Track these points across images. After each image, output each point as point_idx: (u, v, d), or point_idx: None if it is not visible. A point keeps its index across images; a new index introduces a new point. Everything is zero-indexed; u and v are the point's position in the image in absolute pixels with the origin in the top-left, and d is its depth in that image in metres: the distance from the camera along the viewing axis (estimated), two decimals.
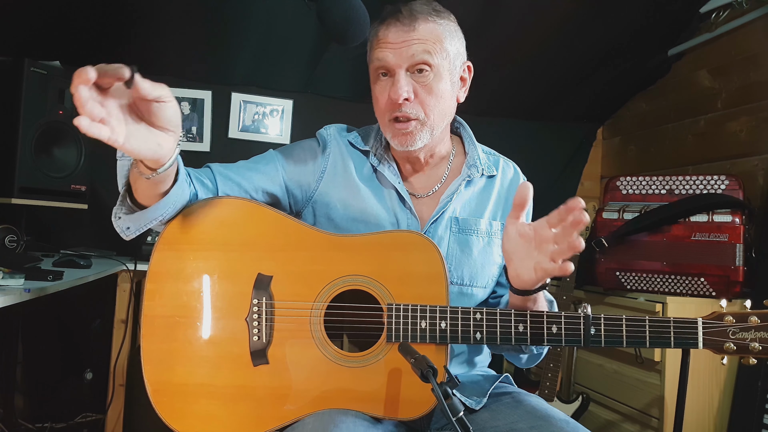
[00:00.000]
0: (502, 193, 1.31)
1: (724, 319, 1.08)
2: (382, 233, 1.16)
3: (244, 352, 1.10)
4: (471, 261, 1.24)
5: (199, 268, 1.12)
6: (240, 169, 1.23)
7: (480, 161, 1.28)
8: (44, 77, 2.11)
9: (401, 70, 1.15)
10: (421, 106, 1.17)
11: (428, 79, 1.16)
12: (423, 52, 1.15)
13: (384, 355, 1.10)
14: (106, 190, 2.51)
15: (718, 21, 2.42)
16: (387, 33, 1.16)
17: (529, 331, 1.08)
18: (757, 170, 2.24)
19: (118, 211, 1.06)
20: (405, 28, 1.15)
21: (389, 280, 1.11)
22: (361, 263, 1.12)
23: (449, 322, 1.08)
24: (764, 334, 1.06)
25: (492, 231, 1.27)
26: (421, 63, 1.15)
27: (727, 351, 1.08)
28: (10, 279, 1.44)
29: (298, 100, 2.80)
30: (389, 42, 1.15)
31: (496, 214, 1.29)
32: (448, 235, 1.24)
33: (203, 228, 1.13)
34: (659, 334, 1.07)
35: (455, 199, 1.25)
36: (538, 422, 1.08)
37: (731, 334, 1.07)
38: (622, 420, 2.16)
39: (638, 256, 2.14)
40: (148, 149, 0.89)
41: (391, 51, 1.15)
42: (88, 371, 2.50)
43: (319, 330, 1.11)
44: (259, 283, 1.11)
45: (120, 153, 1.03)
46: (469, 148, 1.30)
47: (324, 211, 1.24)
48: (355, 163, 1.26)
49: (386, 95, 1.17)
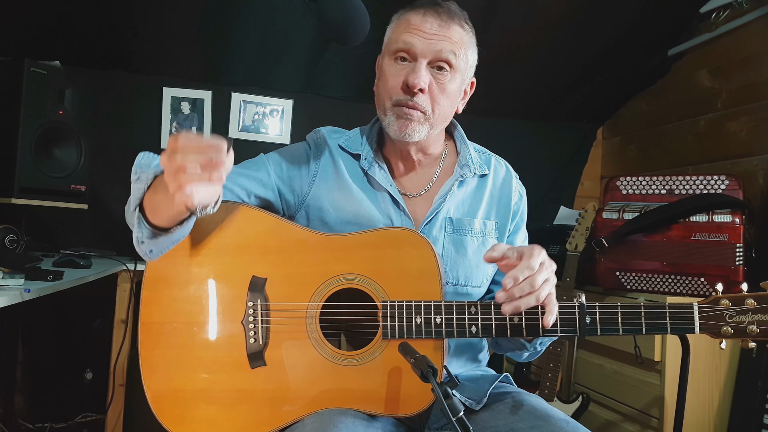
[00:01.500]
0: (494, 193, 1.31)
1: (720, 303, 1.07)
2: (374, 231, 1.16)
3: (241, 355, 1.10)
4: (466, 261, 1.24)
5: (194, 273, 1.12)
6: (231, 174, 1.21)
7: (472, 161, 1.28)
8: (44, 77, 2.11)
9: (424, 60, 1.16)
10: (431, 101, 1.17)
11: (445, 78, 1.17)
12: (450, 51, 1.16)
13: (380, 352, 1.10)
14: (106, 190, 2.51)
15: (718, 21, 2.42)
16: (422, 21, 1.16)
17: (524, 323, 1.08)
18: (757, 170, 2.24)
19: (140, 236, 1.05)
20: (441, 23, 1.16)
21: (383, 278, 1.11)
22: (354, 262, 1.12)
23: (444, 317, 1.08)
24: (761, 316, 1.05)
25: (486, 230, 1.27)
26: (444, 60, 1.16)
27: (724, 335, 1.06)
28: (10, 279, 1.44)
29: (298, 100, 2.80)
30: (421, 30, 1.15)
31: (490, 213, 1.30)
32: (442, 236, 1.24)
33: (197, 233, 1.13)
34: (655, 320, 1.06)
35: (449, 199, 1.25)
36: (538, 422, 1.08)
37: (728, 318, 1.06)
38: (622, 420, 2.16)
39: (638, 256, 2.14)
40: (211, 198, 0.95)
41: (421, 39, 1.15)
42: (88, 371, 2.50)
43: (315, 330, 1.11)
44: (254, 285, 1.12)
45: (136, 176, 1.04)
46: (461, 148, 1.31)
47: (317, 215, 1.24)
48: (346, 166, 1.26)
49: (400, 79, 1.16)
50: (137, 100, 2.64)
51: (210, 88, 2.70)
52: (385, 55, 1.22)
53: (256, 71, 2.66)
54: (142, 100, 2.64)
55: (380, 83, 1.22)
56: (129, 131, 2.62)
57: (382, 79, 1.21)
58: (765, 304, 1.05)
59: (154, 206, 1.02)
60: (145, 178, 1.04)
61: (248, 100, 2.75)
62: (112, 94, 2.57)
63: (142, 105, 2.65)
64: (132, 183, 1.06)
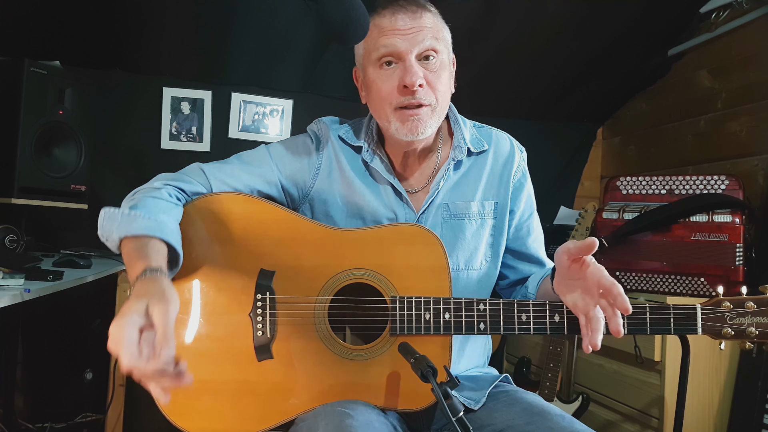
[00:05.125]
0: (495, 169, 1.28)
1: (721, 305, 1.09)
2: (385, 227, 1.16)
3: (248, 347, 1.10)
4: (465, 245, 1.24)
5: (201, 265, 1.12)
6: (234, 170, 1.21)
7: (464, 140, 1.26)
8: (44, 77, 2.10)
9: (412, 56, 1.15)
10: (432, 91, 1.16)
11: (435, 65, 1.17)
12: (431, 38, 1.16)
13: (388, 347, 1.10)
14: (106, 190, 2.51)
15: (718, 21, 2.42)
16: (394, 21, 1.15)
17: (532, 321, 1.09)
18: (757, 170, 2.24)
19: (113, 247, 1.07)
20: (412, 15, 1.15)
21: (393, 274, 1.12)
22: (364, 257, 1.13)
23: (453, 314, 1.09)
24: (761, 318, 1.08)
25: (484, 212, 1.26)
26: (430, 49, 1.15)
27: (725, 336, 1.09)
28: (10, 279, 1.44)
29: (297, 100, 2.80)
30: (398, 29, 1.15)
31: (489, 192, 1.27)
32: (439, 222, 1.24)
33: (205, 225, 1.13)
34: (659, 320, 1.09)
35: (444, 185, 1.24)
36: (535, 418, 1.08)
37: (729, 320, 1.09)
38: (622, 420, 2.16)
39: (638, 256, 2.14)
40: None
41: (401, 38, 1.14)
42: (88, 371, 2.49)
43: (323, 324, 1.11)
44: (262, 278, 1.11)
45: (104, 238, 1.06)
46: (455, 128, 1.28)
47: (321, 208, 1.24)
48: (347, 159, 1.25)
49: (393, 83, 1.15)
50: (137, 100, 2.63)
51: (210, 88, 2.70)
52: (366, 67, 1.20)
53: (256, 71, 2.66)
54: (142, 100, 2.64)
55: (372, 94, 1.20)
56: (129, 131, 2.62)
57: (373, 90, 1.19)
58: (764, 306, 1.08)
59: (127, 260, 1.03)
60: (113, 241, 1.05)
61: (248, 100, 2.75)
62: (112, 94, 2.57)
63: (142, 105, 2.64)
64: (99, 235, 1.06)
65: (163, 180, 1.15)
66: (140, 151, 2.64)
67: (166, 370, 0.84)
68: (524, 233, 1.33)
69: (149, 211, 1.05)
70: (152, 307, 0.87)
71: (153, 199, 1.08)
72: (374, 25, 1.17)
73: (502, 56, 2.55)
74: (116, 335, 0.84)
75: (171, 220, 1.06)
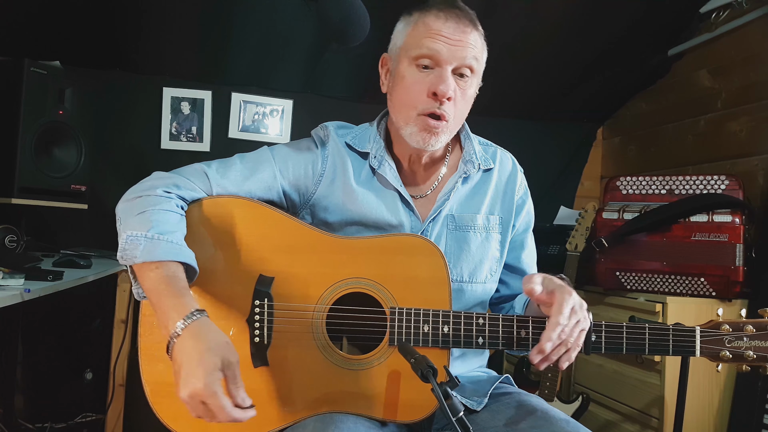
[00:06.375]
0: (499, 187, 1.29)
1: (720, 328, 1.10)
2: (386, 236, 1.15)
3: (244, 353, 1.09)
4: (469, 257, 1.24)
5: (201, 268, 1.11)
6: (236, 175, 1.18)
7: (476, 156, 1.26)
8: (44, 77, 2.10)
9: (450, 67, 1.13)
10: (455, 108, 1.15)
11: (467, 83, 1.16)
12: (473, 57, 1.14)
13: (386, 358, 1.10)
14: (106, 190, 2.51)
15: (718, 21, 2.42)
16: (443, 25, 1.13)
17: (531, 337, 1.09)
18: (757, 170, 2.24)
19: (139, 291, 1.05)
20: (463, 28, 1.13)
21: (392, 284, 1.11)
22: (364, 266, 1.12)
23: (452, 327, 1.09)
24: (759, 342, 1.09)
25: (489, 226, 1.26)
26: (467, 67, 1.14)
27: (722, 359, 1.10)
28: (10, 279, 1.43)
29: (298, 100, 2.80)
30: (444, 35, 1.12)
31: (494, 208, 1.28)
32: (445, 233, 1.23)
33: (205, 228, 1.13)
34: (658, 342, 1.09)
35: (453, 196, 1.24)
36: (539, 422, 1.08)
37: (727, 343, 1.10)
38: (622, 420, 2.16)
39: (638, 256, 2.14)
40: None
41: (446, 45, 1.12)
42: (88, 371, 2.49)
43: (321, 332, 1.10)
44: (261, 284, 1.11)
45: (123, 261, 1.03)
46: (465, 143, 1.28)
47: (322, 215, 1.22)
48: (353, 165, 1.23)
49: (425, 87, 1.13)
50: (137, 100, 2.63)
51: (210, 88, 2.70)
52: (402, 59, 1.17)
53: (256, 71, 2.66)
54: (142, 100, 2.64)
55: (400, 90, 1.17)
56: (129, 131, 2.62)
57: (402, 86, 1.17)
58: (763, 330, 1.09)
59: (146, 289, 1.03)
60: (133, 263, 1.03)
61: (248, 100, 2.75)
62: (112, 94, 2.57)
63: (142, 105, 2.65)
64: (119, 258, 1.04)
65: (163, 184, 1.11)
66: (140, 151, 2.64)
67: (246, 417, 0.92)
68: (518, 245, 1.33)
69: (165, 230, 1.03)
70: (226, 361, 0.92)
71: (165, 213, 1.06)
72: (422, 22, 1.15)
73: (502, 56, 2.54)
74: (205, 394, 0.89)
75: (182, 237, 1.06)
